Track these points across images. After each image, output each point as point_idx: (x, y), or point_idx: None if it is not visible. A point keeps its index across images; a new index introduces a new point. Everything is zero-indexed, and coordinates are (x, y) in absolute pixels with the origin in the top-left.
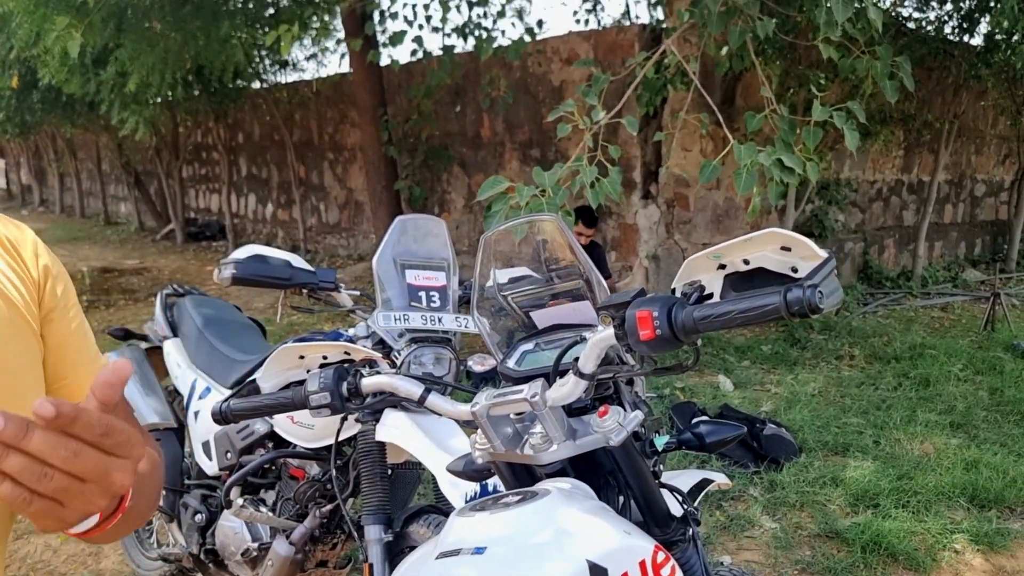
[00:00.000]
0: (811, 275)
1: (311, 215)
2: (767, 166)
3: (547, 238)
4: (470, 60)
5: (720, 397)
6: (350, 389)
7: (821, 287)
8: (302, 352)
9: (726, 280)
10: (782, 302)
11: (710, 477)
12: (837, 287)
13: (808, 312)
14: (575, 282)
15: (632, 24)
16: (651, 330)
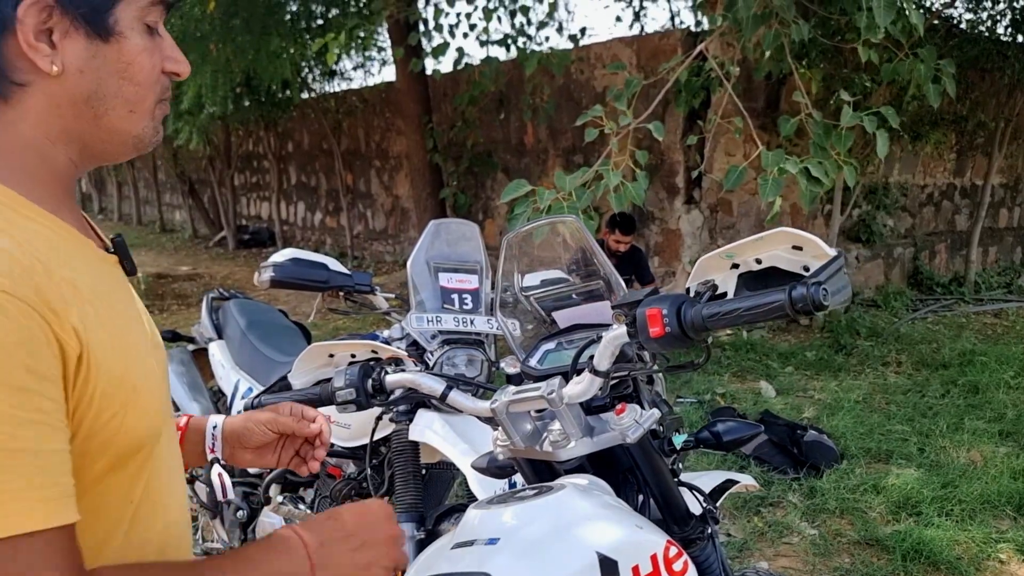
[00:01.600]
0: (817, 273)
1: (358, 222)
2: (794, 173)
3: (568, 239)
4: (513, 68)
5: (762, 403)
6: (375, 385)
7: (826, 284)
8: (331, 350)
9: (739, 279)
10: (787, 299)
11: (735, 478)
12: (845, 285)
13: (813, 309)
14: (595, 282)
15: (675, 29)
16: (660, 327)
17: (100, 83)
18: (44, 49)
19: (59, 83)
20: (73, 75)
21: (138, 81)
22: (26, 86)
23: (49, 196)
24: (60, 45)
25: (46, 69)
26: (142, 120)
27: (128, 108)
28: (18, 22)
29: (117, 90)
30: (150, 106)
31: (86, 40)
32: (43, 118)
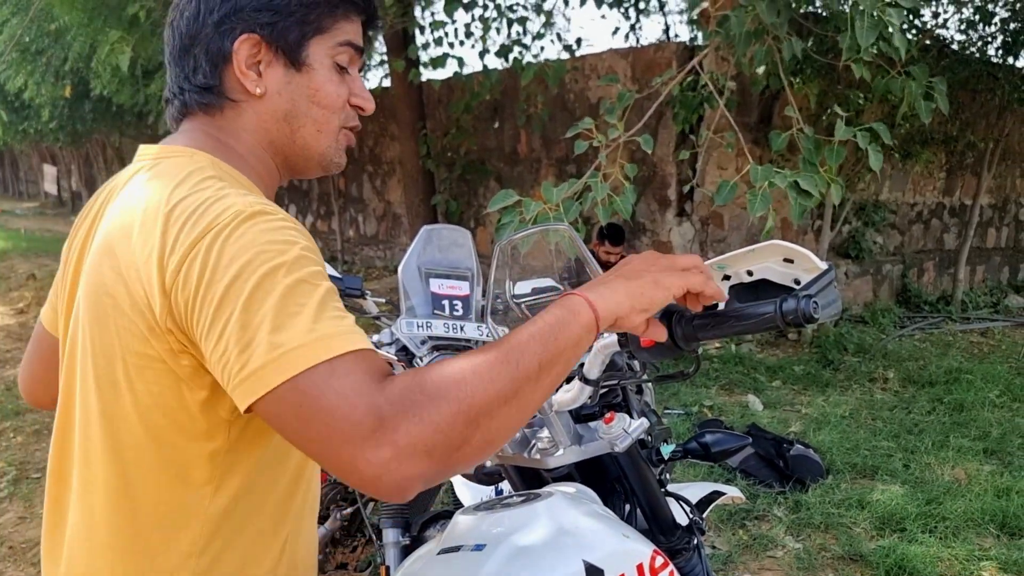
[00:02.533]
0: (807, 286)
1: (350, 227)
2: (783, 187)
3: (561, 248)
4: (509, 76)
5: (749, 416)
6: None
7: (816, 298)
8: None
9: (731, 291)
10: (777, 311)
11: (721, 490)
12: (835, 298)
13: (803, 321)
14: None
15: (670, 42)
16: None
17: (294, 104)
18: (252, 76)
19: (263, 103)
20: (273, 96)
21: (324, 105)
22: (238, 103)
23: (268, 192)
24: (264, 73)
25: (252, 91)
26: (327, 139)
27: (316, 128)
28: (234, 53)
29: (307, 111)
30: (334, 128)
31: (284, 69)
32: (255, 130)
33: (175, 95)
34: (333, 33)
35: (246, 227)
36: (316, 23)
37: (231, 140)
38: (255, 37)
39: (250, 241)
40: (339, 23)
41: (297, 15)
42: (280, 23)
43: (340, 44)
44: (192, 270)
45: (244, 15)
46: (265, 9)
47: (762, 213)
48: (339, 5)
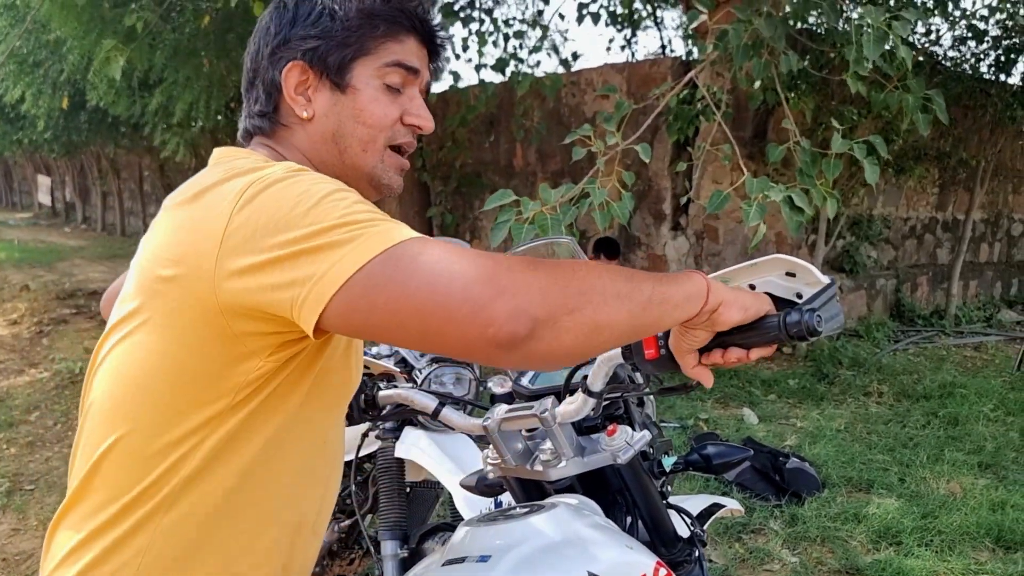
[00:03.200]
0: (811, 300)
1: None
2: (778, 200)
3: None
4: (505, 90)
5: (744, 430)
6: (367, 400)
7: (820, 311)
8: None
9: None
10: (781, 325)
11: (721, 503)
12: (838, 312)
13: (806, 335)
14: None
15: (666, 57)
16: (655, 349)
17: (340, 124)
18: (301, 101)
19: (312, 125)
20: (321, 119)
21: (369, 124)
22: (290, 127)
23: None
24: (313, 98)
25: (301, 115)
26: (373, 158)
27: (361, 146)
28: (283, 81)
29: (352, 130)
30: (380, 147)
31: (330, 92)
32: (307, 150)
33: (243, 124)
34: (379, 54)
35: (296, 177)
36: (358, 45)
37: (288, 154)
38: (300, 63)
39: (300, 182)
40: (385, 44)
41: (338, 38)
42: (322, 47)
43: (388, 65)
44: (251, 208)
45: (292, 44)
46: (310, 36)
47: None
48: (380, 26)
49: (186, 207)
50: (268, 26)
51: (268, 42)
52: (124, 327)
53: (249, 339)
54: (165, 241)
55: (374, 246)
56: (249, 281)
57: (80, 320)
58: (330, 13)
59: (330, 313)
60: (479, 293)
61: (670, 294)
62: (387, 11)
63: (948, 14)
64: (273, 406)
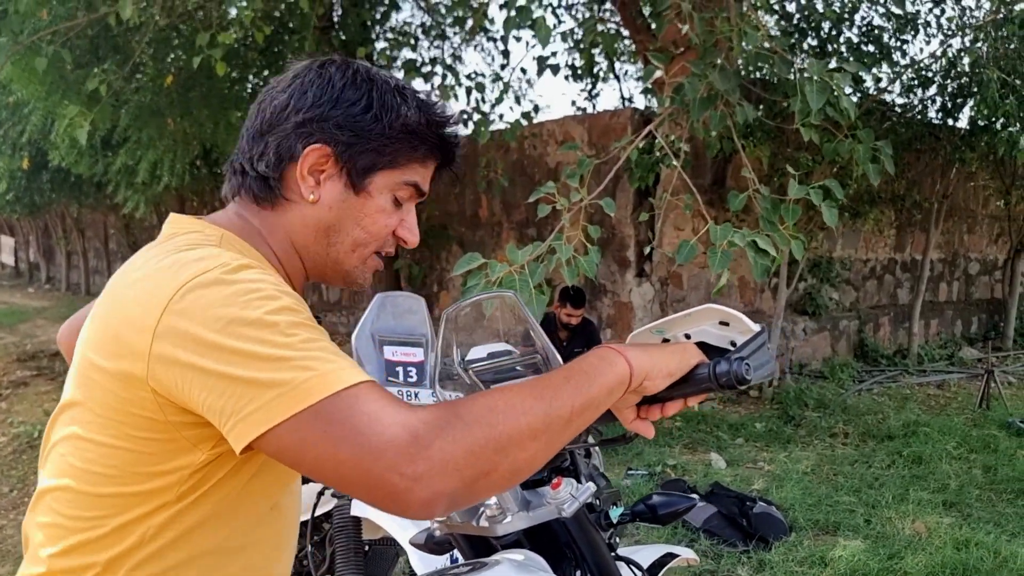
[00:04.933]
0: (740, 348)
1: (312, 293)
2: (742, 246)
3: (508, 313)
4: (469, 143)
5: (712, 475)
6: None
7: (749, 360)
8: None
9: None
10: (711, 374)
11: (675, 552)
12: (768, 360)
13: (735, 383)
14: (534, 356)
15: (625, 108)
16: None
17: (340, 221)
18: (311, 182)
19: (312, 209)
20: (323, 208)
21: (369, 231)
22: (289, 202)
23: (290, 281)
24: (323, 184)
25: (306, 196)
26: (357, 260)
27: (352, 247)
28: (302, 158)
29: (350, 231)
30: (368, 253)
31: (343, 187)
32: (294, 230)
33: (238, 171)
34: (404, 171)
35: (233, 278)
36: (390, 157)
37: (267, 232)
38: (327, 150)
39: (237, 290)
40: (413, 164)
41: (375, 144)
42: (357, 146)
43: (406, 183)
44: (180, 322)
45: (326, 126)
46: (348, 128)
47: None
48: (419, 148)
49: (127, 291)
50: (306, 90)
51: (301, 107)
52: (68, 414)
53: (187, 430)
54: (102, 329)
55: (306, 395)
56: (180, 383)
57: (40, 382)
58: (376, 115)
59: (256, 445)
60: (401, 475)
61: (593, 395)
62: (430, 135)
63: (893, 63)
64: (221, 486)
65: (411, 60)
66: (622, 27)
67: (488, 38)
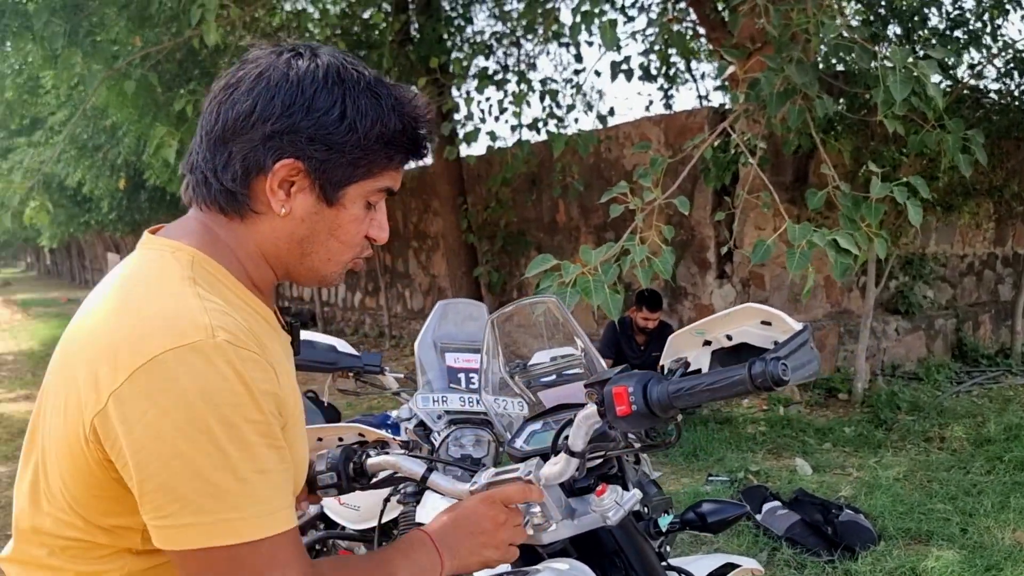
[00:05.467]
0: (778, 348)
1: (396, 302)
2: (822, 245)
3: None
4: (544, 148)
5: (797, 481)
6: (356, 468)
7: (787, 360)
8: (319, 434)
9: (713, 356)
10: (747, 375)
11: (736, 562)
12: (810, 359)
13: (772, 385)
14: (578, 361)
15: (702, 107)
16: (627, 405)
17: (313, 233)
18: (281, 196)
19: (283, 222)
20: (295, 220)
21: (343, 240)
22: (258, 215)
23: (258, 289)
24: (293, 196)
25: (277, 210)
26: (335, 268)
27: (327, 256)
28: (272, 172)
29: (324, 242)
30: (345, 260)
31: (315, 200)
32: (265, 241)
33: (200, 181)
34: (378, 179)
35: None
36: (366, 168)
37: (235, 245)
38: (300, 165)
39: (202, 387)
40: (388, 172)
41: (350, 156)
42: (330, 161)
43: (380, 190)
44: (137, 403)
45: (297, 139)
46: (321, 142)
47: (801, 271)
48: (395, 156)
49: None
50: (273, 95)
51: (269, 116)
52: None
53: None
54: (56, 377)
55: (222, 535)
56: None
57: None
58: (350, 125)
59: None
60: None
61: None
62: (404, 142)
63: (984, 47)
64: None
65: (483, 68)
66: (698, 25)
67: (560, 44)
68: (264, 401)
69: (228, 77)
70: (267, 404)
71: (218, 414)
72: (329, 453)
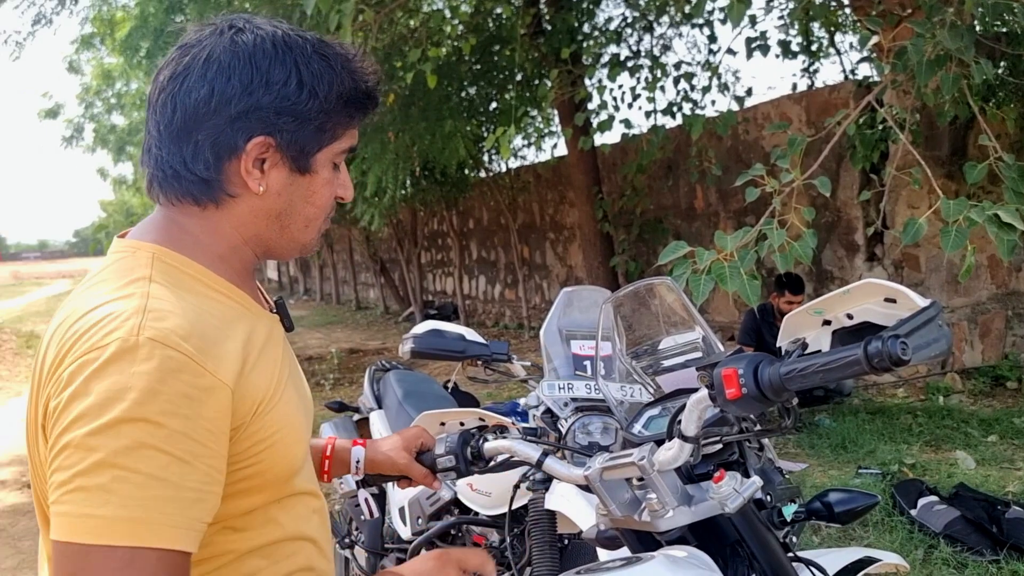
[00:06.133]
0: (898, 326)
1: (535, 293)
2: (981, 222)
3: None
4: (680, 133)
5: (957, 475)
6: (473, 452)
7: (907, 338)
8: (442, 419)
9: (834, 336)
10: (862, 354)
11: (874, 556)
12: (936, 338)
13: (890, 365)
14: (695, 344)
15: (845, 82)
16: (737, 388)
17: (290, 204)
18: (256, 174)
19: (260, 199)
20: (272, 195)
21: (318, 205)
22: (235, 197)
23: (234, 273)
24: (267, 173)
25: (254, 189)
26: (312, 233)
27: (305, 224)
28: (245, 153)
29: (301, 210)
30: (320, 223)
31: (288, 172)
32: (242, 223)
33: (169, 175)
34: (342, 140)
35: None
36: (332, 131)
37: (207, 233)
38: (271, 140)
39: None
40: (349, 131)
41: (316, 123)
42: (299, 131)
43: (344, 150)
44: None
45: (263, 115)
46: (287, 113)
47: (957, 251)
48: (354, 114)
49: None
50: (229, 75)
51: (231, 97)
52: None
53: None
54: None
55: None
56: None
57: None
58: (310, 91)
59: None
60: None
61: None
62: (361, 99)
63: None
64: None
65: (615, 55)
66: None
67: (692, 25)
68: (180, 405)
69: (173, 66)
70: (185, 408)
71: (126, 413)
72: (448, 437)
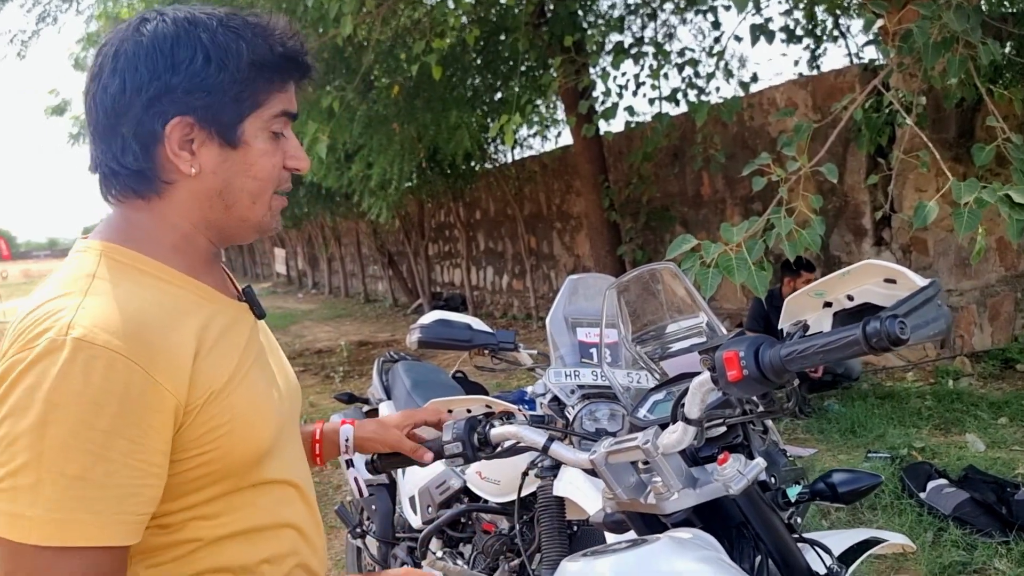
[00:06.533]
0: (896, 305)
1: (543, 283)
2: (993, 203)
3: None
4: (686, 120)
5: (966, 458)
6: (480, 439)
7: (906, 318)
8: (449, 406)
9: (835, 318)
10: (861, 335)
11: (880, 536)
12: (935, 317)
13: (889, 345)
14: (699, 329)
15: (852, 66)
16: (738, 370)
17: (229, 181)
18: (186, 156)
19: (198, 181)
20: (208, 175)
21: (260, 178)
22: (172, 184)
23: (189, 264)
24: (198, 152)
25: (187, 171)
26: (261, 209)
27: (251, 200)
28: (166, 137)
29: (242, 185)
30: (268, 198)
31: (219, 148)
32: (187, 208)
33: (108, 174)
34: (269, 106)
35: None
36: (251, 99)
37: (155, 226)
38: (189, 119)
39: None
40: (274, 95)
41: (230, 93)
42: (214, 104)
43: (276, 115)
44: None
45: (176, 96)
46: (198, 90)
47: (969, 233)
48: (274, 78)
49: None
50: (136, 65)
51: (141, 86)
52: None
53: None
54: None
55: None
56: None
57: (306, 377)
58: (219, 64)
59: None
60: None
61: None
62: (278, 61)
63: None
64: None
65: (619, 43)
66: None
67: (696, 11)
68: (106, 403)
69: (92, 69)
70: (112, 405)
71: (49, 415)
72: (455, 424)
